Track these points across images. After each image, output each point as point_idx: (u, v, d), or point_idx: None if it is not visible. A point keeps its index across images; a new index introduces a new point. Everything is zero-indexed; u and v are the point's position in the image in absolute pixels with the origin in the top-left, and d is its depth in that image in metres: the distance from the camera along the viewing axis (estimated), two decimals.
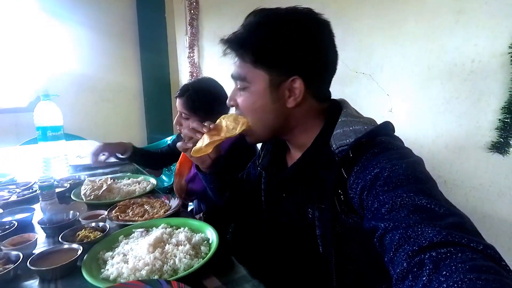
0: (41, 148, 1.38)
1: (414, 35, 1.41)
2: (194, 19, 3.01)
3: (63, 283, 0.69)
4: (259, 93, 0.71)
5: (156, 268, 0.69)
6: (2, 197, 1.13)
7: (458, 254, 0.40)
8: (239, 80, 0.72)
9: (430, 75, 1.37)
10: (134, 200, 1.12)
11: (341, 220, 0.66)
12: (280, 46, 0.67)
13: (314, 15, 0.70)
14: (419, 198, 0.50)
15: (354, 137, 0.64)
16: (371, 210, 0.55)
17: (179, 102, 1.28)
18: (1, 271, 0.67)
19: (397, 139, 0.66)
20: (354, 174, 0.61)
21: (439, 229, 0.44)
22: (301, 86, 0.68)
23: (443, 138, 1.36)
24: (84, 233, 0.84)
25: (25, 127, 2.73)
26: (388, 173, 0.55)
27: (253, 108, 0.73)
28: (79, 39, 3.08)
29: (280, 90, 0.69)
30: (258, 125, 0.74)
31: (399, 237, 0.47)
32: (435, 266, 0.40)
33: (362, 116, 0.73)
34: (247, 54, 0.69)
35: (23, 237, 0.82)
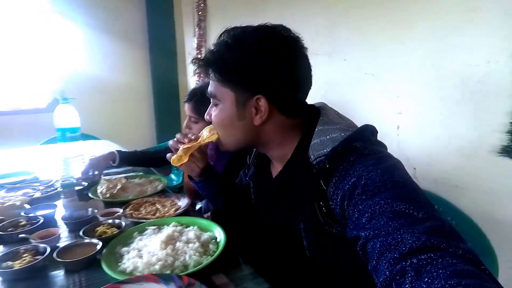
0: (61, 148, 1.46)
1: (422, 35, 1.37)
2: (201, 20, 3.03)
3: (85, 274, 0.75)
4: (226, 110, 0.74)
5: (168, 263, 0.74)
6: (28, 194, 1.21)
7: (439, 259, 0.41)
8: (211, 97, 0.77)
9: (441, 76, 1.33)
10: (146, 199, 1.18)
11: (325, 231, 0.66)
12: (243, 66, 0.68)
13: (282, 33, 0.70)
14: (397, 203, 0.50)
15: (331, 146, 0.64)
16: (352, 220, 0.55)
17: (188, 106, 1.32)
18: (32, 261, 0.74)
19: (374, 143, 0.66)
20: (333, 185, 0.61)
21: (419, 234, 0.44)
22: (265, 105, 0.69)
23: (455, 141, 1.32)
24: (102, 229, 0.91)
25: (44, 127, 2.81)
26: (365, 180, 0.55)
27: (221, 124, 0.77)
28: (92, 42, 3.18)
29: (246, 108, 0.71)
30: (227, 139, 0.78)
31: (380, 245, 0.47)
32: (416, 273, 0.41)
33: (342, 120, 0.73)
34: (215, 73, 0.72)
35: (49, 231, 0.90)
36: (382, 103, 1.59)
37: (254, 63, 0.68)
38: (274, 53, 0.68)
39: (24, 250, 0.79)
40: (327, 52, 1.82)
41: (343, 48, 1.75)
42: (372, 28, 1.58)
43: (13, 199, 1.10)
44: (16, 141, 2.63)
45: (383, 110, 1.58)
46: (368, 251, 0.50)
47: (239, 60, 0.68)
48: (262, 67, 0.68)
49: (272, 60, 0.68)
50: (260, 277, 0.74)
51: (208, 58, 0.72)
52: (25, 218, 0.98)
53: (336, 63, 1.79)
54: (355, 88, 1.71)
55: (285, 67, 0.69)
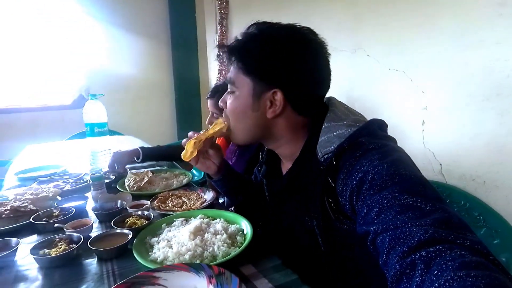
0: (88, 143, 1.51)
1: (450, 30, 1.35)
2: (224, 18, 3.05)
3: (117, 262, 0.77)
4: (242, 98, 0.75)
5: (197, 253, 0.76)
6: (59, 186, 1.26)
7: (447, 251, 0.41)
8: (229, 84, 0.77)
9: (468, 70, 1.31)
10: (172, 192, 1.20)
11: (337, 227, 0.67)
12: (266, 58, 0.70)
13: (308, 35, 0.72)
14: (405, 197, 0.50)
15: (338, 142, 0.65)
16: (362, 215, 0.56)
17: (210, 102, 1.36)
18: (67, 249, 0.77)
19: (380, 137, 0.66)
20: (342, 181, 0.62)
21: (426, 227, 0.45)
22: (281, 99, 0.71)
23: (483, 136, 1.30)
24: (132, 220, 0.93)
25: (70, 123, 2.93)
26: (372, 176, 0.56)
27: (235, 111, 0.77)
28: (116, 40, 3.24)
29: (261, 99, 0.73)
30: (238, 128, 0.79)
31: (389, 239, 0.48)
32: (426, 265, 0.41)
33: (351, 114, 0.73)
34: (238, 61, 0.74)
35: (81, 221, 0.93)
36: (407, 98, 1.57)
37: (277, 56, 0.70)
38: (298, 52, 0.70)
39: (59, 239, 0.82)
40: (351, 48, 1.82)
41: (367, 44, 1.74)
42: (399, 23, 1.56)
43: (45, 191, 1.14)
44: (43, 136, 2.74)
45: (408, 105, 1.57)
46: (378, 246, 0.50)
47: (263, 52, 0.70)
48: (284, 62, 0.70)
49: (295, 57, 0.70)
50: (287, 269, 0.74)
51: (233, 46, 0.74)
52: (58, 209, 1.01)
53: (359, 59, 1.78)
54: (379, 83, 1.70)
55: (306, 67, 0.71)
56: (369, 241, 0.53)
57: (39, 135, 2.88)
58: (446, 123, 1.43)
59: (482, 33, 1.26)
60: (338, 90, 0.82)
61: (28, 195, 1.09)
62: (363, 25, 1.75)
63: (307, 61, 0.71)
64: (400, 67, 1.58)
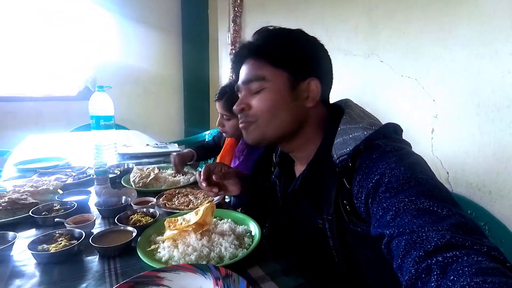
0: (93, 136, 1.49)
1: (465, 39, 1.35)
2: (237, 16, 3.04)
3: (120, 260, 0.75)
4: (279, 90, 0.72)
5: (204, 254, 0.74)
6: (60, 179, 1.23)
7: (464, 257, 0.41)
8: (256, 81, 0.73)
9: (480, 80, 1.31)
10: (179, 190, 1.18)
11: (350, 230, 0.66)
12: (299, 48, 0.72)
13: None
14: (421, 201, 0.50)
15: (354, 144, 0.64)
16: (377, 217, 0.56)
17: (219, 105, 1.33)
18: (68, 245, 0.74)
19: (396, 140, 0.66)
20: (357, 183, 0.62)
21: (443, 232, 0.44)
22: (318, 87, 0.72)
23: (491, 146, 1.30)
24: (137, 217, 0.91)
25: (75, 114, 2.92)
26: (388, 178, 0.56)
27: (270, 105, 0.72)
28: (126, 32, 3.21)
29: (298, 90, 0.72)
30: (272, 124, 0.74)
31: (405, 243, 0.47)
32: (442, 271, 0.41)
33: (366, 117, 0.72)
34: (266, 55, 0.72)
35: (83, 216, 0.90)
36: (418, 106, 1.56)
37: (307, 46, 0.74)
38: (319, 44, 0.76)
39: (59, 234, 0.79)
40: (364, 52, 1.81)
41: (381, 49, 1.73)
42: (415, 30, 1.56)
43: (46, 184, 1.11)
44: (47, 127, 2.72)
45: (418, 113, 1.56)
46: (393, 249, 0.50)
47: (295, 42, 0.73)
48: (314, 51, 0.75)
49: (320, 48, 0.76)
50: (295, 272, 0.73)
51: (260, 43, 0.73)
52: (59, 203, 0.99)
53: (372, 64, 1.78)
54: (391, 90, 1.69)
55: (327, 57, 0.77)
56: (384, 244, 0.52)
57: (42, 125, 2.86)
58: (455, 132, 1.42)
59: (497, 43, 1.25)
60: (350, 93, 0.83)
61: (28, 187, 1.06)
62: (378, 31, 1.74)
63: (326, 51, 0.76)
64: (412, 75, 1.58)
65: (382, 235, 0.53)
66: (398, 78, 1.64)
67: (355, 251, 0.69)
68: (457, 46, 1.38)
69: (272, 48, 0.72)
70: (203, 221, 0.82)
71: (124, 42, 3.22)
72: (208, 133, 2.55)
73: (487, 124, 1.30)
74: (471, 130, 1.36)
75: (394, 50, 1.65)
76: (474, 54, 1.32)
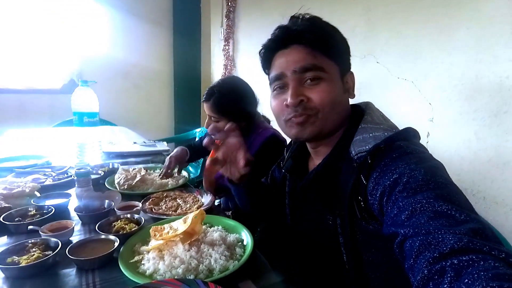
0: (76, 133, 1.41)
1: (465, 44, 1.34)
2: (231, 11, 2.99)
3: (100, 273, 0.68)
4: (335, 82, 0.72)
5: (192, 267, 0.69)
6: (38, 180, 1.14)
7: (480, 262, 0.39)
8: (315, 71, 0.70)
9: (478, 86, 1.31)
10: (167, 193, 1.12)
11: (362, 227, 0.66)
12: (343, 41, 0.75)
13: None
14: (439, 204, 0.49)
15: (373, 143, 0.64)
16: (391, 216, 0.55)
17: (207, 106, 1.28)
18: (41, 257, 0.67)
19: (416, 144, 0.66)
20: (374, 180, 0.61)
21: (460, 235, 0.44)
22: (353, 80, 0.77)
23: (487, 152, 1.30)
24: (120, 224, 0.84)
25: (59, 108, 2.79)
26: (407, 178, 0.55)
27: (332, 96, 0.71)
28: (116, 24, 3.09)
29: (344, 82, 0.75)
30: (332, 116, 0.72)
31: (420, 244, 0.46)
32: (456, 273, 0.40)
33: (386, 121, 0.73)
34: (321, 45, 0.70)
35: (61, 223, 0.83)
36: (414, 109, 1.56)
37: (345, 40, 0.77)
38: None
39: (32, 244, 0.72)
40: (361, 53, 1.80)
41: (378, 51, 1.72)
42: (413, 33, 1.55)
43: (22, 186, 1.02)
44: (28, 121, 2.61)
45: (414, 116, 1.56)
46: (406, 249, 0.49)
47: (339, 35, 0.76)
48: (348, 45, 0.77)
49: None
50: (291, 286, 0.70)
51: (314, 29, 0.72)
52: (35, 207, 0.91)
53: (369, 66, 1.76)
54: (387, 92, 1.68)
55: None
56: (397, 243, 0.52)
57: (25, 119, 2.75)
58: (451, 136, 1.42)
59: (496, 49, 1.25)
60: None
61: (1, 189, 0.97)
62: (376, 32, 1.73)
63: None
64: (409, 77, 1.57)
65: (395, 234, 0.52)
66: (394, 80, 1.62)
67: (364, 251, 0.67)
68: (456, 50, 1.38)
69: (326, 38, 0.71)
70: (191, 230, 0.77)
71: (113, 34, 3.10)
72: (198, 131, 2.49)
73: (484, 130, 1.31)
74: (467, 135, 1.36)
75: (391, 52, 1.63)
76: (473, 59, 1.32)
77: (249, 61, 2.91)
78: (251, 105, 1.30)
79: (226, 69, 3.10)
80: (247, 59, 2.98)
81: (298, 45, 0.71)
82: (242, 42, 3.04)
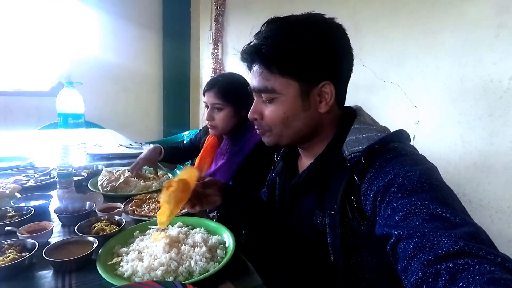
0: (61, 135, 1.39)
1: (450, 47, 1.35)
2: (220, 15, 3.01)
3: (77, 275, 0.67)
4: (290, 102, 0.70)
5: (171, 269, 0.68)
6: (20, 181, 1.13)
7: (476, 266, 0.39)
8: (266, 93, 0.71)
9: (463, 89, 1.31)
10: (150, 195, 1.11)
11: (353, 228, 0.65)
12: (307, 53, 0.67)
13: (328, 20, 0.71)
14: (434, 206, 0.49)
15: (367, 143, 0.64)
16: (384, 217, 0.55)
17: (210, 94, 1.25)
18: (17, 259, 0.66)
19: (410, 146, 0.66)
20: (368, 180, 0.61)
21: (456, 239, 0.43)
22: (332, 90, 0.69)
23: (472, 155, 1.30)
24: (100, 225, 0.83)
25: (46, 111, 2.77)
26: (402, 179, 0.55)
27: (283, 117, 0.71)
28: (105, 27, 3.09)
29: (310, 96, 0.70)
30: (286, 134, 0.73)
31: (414, 246, 0.46)
32: (451, 277, 0.40)
33: (376, 124, 0.73)
34: (274, 64, 0.68)
35: (40, 224, 0.82)
36: (400, 112, 1.57)
37: (317, 48, 0.67)
38: (332, 38, 0.69)
39: (8, 245, 0.71)
40: None
41: (364, 54, 1.73)
42: (398, 36, 1.56)
43: (2, 187, 1.01)
44: (16, 123, 2.58)
45: (400, 119, 1.56)
46: (399, 251, 0.49)
47: (303, 47, 0.67)
48: (325, 52, 0.67)
49: (331, 44, 0.68)
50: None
51: (266, 49, 0.68)
52: (14, 208, 0.90)
53: (354, 69, 1.75)
54: (373, 95, 1.68)
55: (342, 52, 0.71)
56: (390, 245, 0.52)
57: (11, 122, 2.71)
58: (436, 139, 1.43)
59: (480, 52, 1.26)
60: None
61: None
62: (363, 35, 1.74)
63: (340, 46, 0.71)
64: (395, 80, 1.58)
65: (389, 235, 0.52)
66: (380, 84, 1.63)
67: (353, 252, 0.67)
68: (441, 53, 1.39)
69: (279, 55, 0.67)
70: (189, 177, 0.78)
71: (103, 37, 3.09)
72: (187, 134, 2.47)
73: (469, 133, 1.31)
74: (452, 139, 1.37)
75: (377, 55, 1.64)
76: (458, 62, 1.33)
77: (238, 64, 2.91)
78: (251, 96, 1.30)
79: (215, 72, 3.10)
80: (236, 63, 2.98)
81: (259, 64, 0.71)
82: (231, 46, 3.04)
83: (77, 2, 2.93)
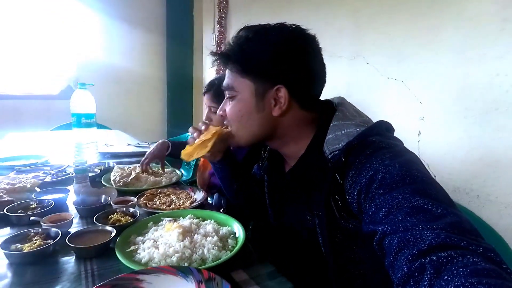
0: (74, 134, 1.44)
1: (452, 42, 1.35)
2: (222, 18, 3.03)
3: (97, 261, 0.71)
4: (244, 101, 0.73)
5: (185, 256, 0.71)
6: (38, 177, 1.17)
7: (459, 258, 0.40)
8: (227, 90, 0.75)
9: (468, 84, 1.31)
10: (160, 190, 1.15)
11: (341, 226, 0.66)
12: (265, 56, 0.69)
13: (299, 31, 0.72)
14: (415, 199, 0.49)
15: (347, 140, 0.64)
16: (369, 214, 0.55)
17: (207, 97, 1.30)
18: (42, 245, 0.70)
19: (390, 138, 0.66)
20: (350, 178, 0.61)
21: (438, 231, 0.44)
22: (285, 95, 0.69)
23: (478, 150, 1.29)
24: (116, 216, 0.87)
25: (56, 113, 2.84)
26: (382, 175, 0.55)
27: (238, 115, 0.74)
28: (110, 31, 3.16)
29: (265, 99, 0.71)
30: (242, 132, 0.76)
31: (398, 241, 0.47)
32: (436, 270, 0.40)
33: (358, 116, 0.73)
34: (234, 64, 0.72)
35: (60, 215, 0.86)
36: (404, 108, 1.56)
37: (275, 53, 0.69)
38: (294, 46, 0.70)
39: (34, 233, 0.75)
40: (350, 54, 1.81)
41: (367, 51, 1.73)
42: (401, 33, 1.56)
43: (23, 181, 1.06)
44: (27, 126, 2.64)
45: (405, 115, 1.56)
46: (385, 247, 0.50)
47: (260, 51, 0.69)
48: (283, 57, 0.69)
49: (292, 52, 0.69)
50: (282, 276, 0.70)
51: (228, 50, 0.73)
52: (36, 201, 0.94)
53: (358, 66, 1.77)
54: (377, 92, 1.69)
55: (304, 60, 0.70)
56: (376, 241, 0.52)
57: (22, 124, 2.77)
58: (442, 135, 1.42)
59: (484, 47, 1.25)
60: (335, 95, 0.82)
61: (4, 184, 1.01)
62: (364, 33, 1.74)
63: (304, 54, 0.71)
64: (399, 77, 1.57)
65: (374, 232, 0.52)
66: (384, 80, 1.63)
67: (344, 249, 0.68)
68: (443, 49, 1.38)
69: (239, 56, 0.71)
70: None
71: (108, 40, 3.16)
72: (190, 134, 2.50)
73: (475, 128, 1.30)
74: (458, 134, 1.35)
75: (380, 53, 1.65)
76: (461, 58, 1.32)
77: None
78: None
79: (218, 74, 3.14)
80: None
81: (227, 65, 0.75)
82: None
83: (84, 7, 3.00)
